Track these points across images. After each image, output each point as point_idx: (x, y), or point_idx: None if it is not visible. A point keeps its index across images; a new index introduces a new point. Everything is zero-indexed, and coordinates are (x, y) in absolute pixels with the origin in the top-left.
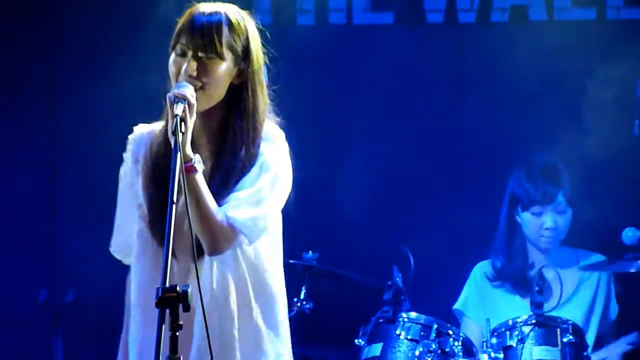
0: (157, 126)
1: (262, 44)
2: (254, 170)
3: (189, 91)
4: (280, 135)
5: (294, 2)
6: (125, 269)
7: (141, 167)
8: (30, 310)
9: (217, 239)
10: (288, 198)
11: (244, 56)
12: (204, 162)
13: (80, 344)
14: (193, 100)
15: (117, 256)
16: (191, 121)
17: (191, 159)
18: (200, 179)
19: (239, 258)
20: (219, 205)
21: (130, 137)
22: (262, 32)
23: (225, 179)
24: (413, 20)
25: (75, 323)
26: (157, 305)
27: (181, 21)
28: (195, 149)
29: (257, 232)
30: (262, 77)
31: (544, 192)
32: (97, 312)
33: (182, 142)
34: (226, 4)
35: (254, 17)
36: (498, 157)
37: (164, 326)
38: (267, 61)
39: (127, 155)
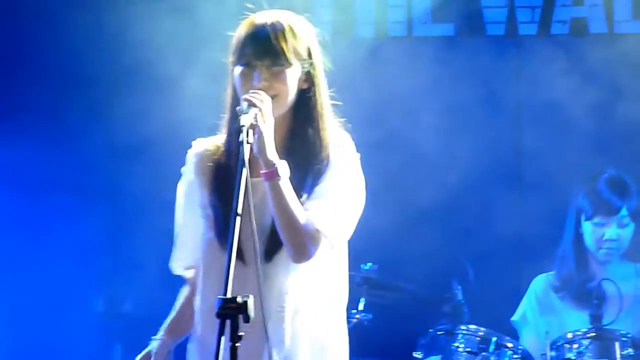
0: (218, 139)
1: (322, 54)
2: (329, 175)
3: (260, 98)
4: (348, 139)
5: (353, 14)
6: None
7: (206, 180)
8: (89, 320)
9: (304, 245)
10: None
11: (308, 60)
12: None
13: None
14: (263, 105)
15: (178, 271)
16: (267, 127)
17: (274, 165)
18: (284, 186)
19: (311, 265)
20: None
21: (191, 151)
22: (321, 44)
23: (298, 185)
24: (473, 32)
25: (134, 333)
26: (217, 315)
27: (241, 33)
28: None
29: (340, 239)
30: (324, 81)
31: (608, 203)
32: (156, 322)
33: (261, 148)
34: (282, 10)
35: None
36: (560, 169)
37: (224, 337)
38: (326, 71)
39: (189, 169)
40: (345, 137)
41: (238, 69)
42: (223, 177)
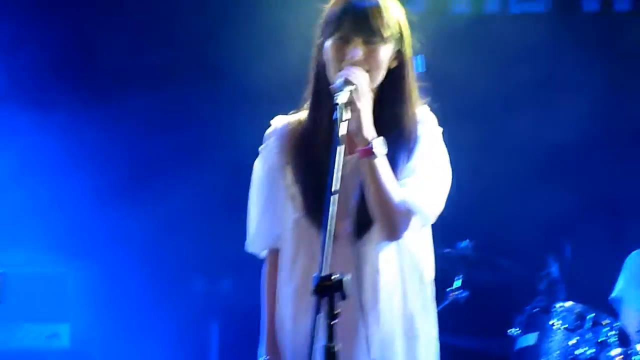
0: (300, 115)
1: (416, 31)
2: (418, 152)
3: (357, 74)
4: (434, 118)
5: None
6: None
7: (290, 157)
8: (187, 298)
9: (396, 223)
10: None
11: (399, 39)
12: None
13: (236, 332)
14: (360, 82)
15: (253, 250)
16: (364, 104)
17: (369, 142)
18: (380, 163)
19: (400, 243)
20: None
21: (270, 130)
22: (416, 20)
23: (388, 162)
24: (568, 8)
25: (232, 312)
26: (313, 293)
27: (336, 7)
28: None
29: (431, 217)
30: (412, 59)
31: None
32: (254, 302)
33: (358, 125)
34: None
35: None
36: None
37: (321, 315)
38: (419, 49)
39: (269, 147)
40: (427, 112)
41: (331, 43)
42: (309, 154)
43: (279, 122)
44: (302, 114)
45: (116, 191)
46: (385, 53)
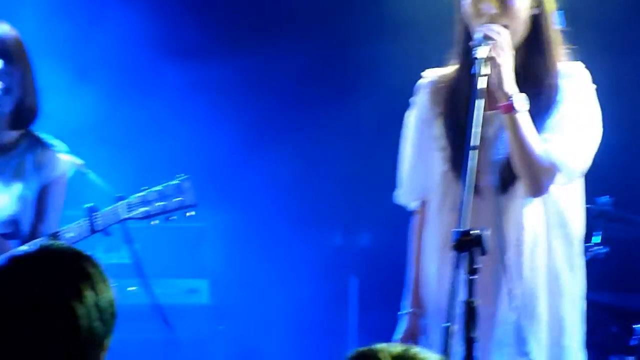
0: (449, 70)
1: None
2: (563, 107)
3: (497, 30)
4: (586, 74)
5: None
6: None
7: (440, 110)
8: (326, 253)
9: (540, 179)
10: None
11: None
12: None
13: (375, 288)
14: (500, 37)
15: (402, 201)
16: (504, 59)
17: (510, 98)
18: (522, 119)
19: (546, 198)
20: None
21: (421, 81)
22: None
23: (531, 116)
24: None
25: (371, 267)
26: (453, 249)
27: None
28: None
29: (576, 173)
30: (554, 8)
31: None
32: (393, 257)
33: (499, 81)
34: None
35: None
36: None
37: (460, 270)
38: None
39: (420, 100)
40: (578, 67)
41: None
42: (458, 108)
43: (429, 75)
44: (452, 68)
45: (260, 144)
46: (520, 5)
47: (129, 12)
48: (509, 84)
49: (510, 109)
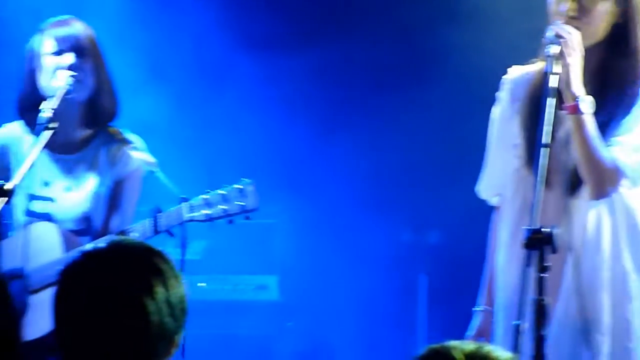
0: (535, 67)
1: None
2: (636, 112)
3: (568, 30)
4: None
5: None
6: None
7: (519, 107)
8: (395, 249)
9: (603, 182)
10: None
11: None
12: None
13: (444, 284)
14: (570, 37)
15: (484, 196)
16: (573, 59)
17: (576, 99)
18: (586, 120)
19: (615, 201)
20: None
21: (506, 77)
22: None
23: (606, 120)
24: None
25: (440, 263)
26: (524, 246)
27: None
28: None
29: None
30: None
31: None
32: (462, 252)
33: (567, 81)
34: None
35: None
36: None
37: (530, 268)
38: None
39: (503, 95)
40: None
41: None
42: (534, 106)
43: (514, 72)
44: (537, 65)
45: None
46: (602, 9)
47: (202, 5)
48: (576, 85)
49: (575, 110)
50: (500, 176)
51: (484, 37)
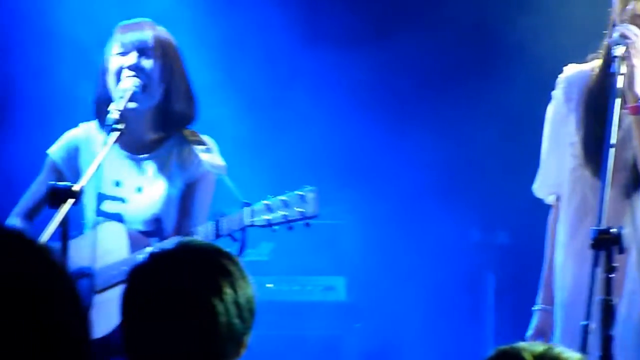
0: (592, 65)
1: None
2: None
3: (635, 31)
4: None
5: None
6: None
7: (575, 105)
8: (464, 249)
9: None
10: None
11: None
12: None
13: (512, 284)
14: (638, 39)
15: (539, 195)
16: (637, 60)
17: (638, 100)
18: None
19: None
20: None
21: (562, 76)
22: None
23: None
24: None
25: (508, 264)
26: (592, 246)
27: None
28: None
29: None
30: None
31: None
32: (530, 253)
33: (630, 82)
34: None
35: None
36: None
37: (598, 268)
38: None
39: (558, 94)
40: None
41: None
42: (592, 105)
43: (570, 70)
44: (594, 64)
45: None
46: None
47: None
48: (638, 86)
49: (637, 111)
50: (555, 175)
51: (556, 30)
